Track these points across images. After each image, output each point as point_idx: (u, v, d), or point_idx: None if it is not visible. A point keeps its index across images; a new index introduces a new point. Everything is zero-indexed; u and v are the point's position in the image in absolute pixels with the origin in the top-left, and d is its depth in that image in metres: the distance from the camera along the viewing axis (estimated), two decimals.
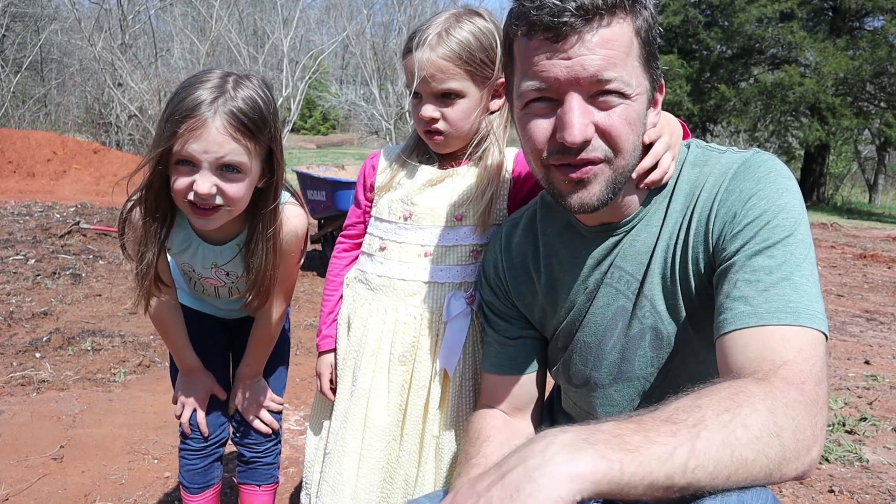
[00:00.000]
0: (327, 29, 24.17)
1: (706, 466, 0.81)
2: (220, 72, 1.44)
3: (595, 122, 1.04)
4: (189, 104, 1.36)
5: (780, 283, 1.00)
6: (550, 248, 1.31)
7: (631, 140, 1.07)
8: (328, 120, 44.21)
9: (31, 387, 3.26)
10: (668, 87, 20.36)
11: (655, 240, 1.18)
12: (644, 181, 1.17)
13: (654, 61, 1.10)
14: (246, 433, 1.85)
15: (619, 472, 0.78)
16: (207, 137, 1.36)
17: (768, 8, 18.76)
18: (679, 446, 0.81)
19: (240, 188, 1.43)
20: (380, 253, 1.58)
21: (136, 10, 17.41)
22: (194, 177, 1.38)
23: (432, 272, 1.53)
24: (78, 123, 21.23)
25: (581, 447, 0.79)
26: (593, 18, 1.00)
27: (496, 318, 1.39)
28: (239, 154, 1.39)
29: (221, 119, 1.36)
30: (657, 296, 1.17)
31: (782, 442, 0.86)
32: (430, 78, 1.45)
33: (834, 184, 24.20)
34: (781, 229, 1.04)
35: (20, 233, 7.19)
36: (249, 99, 1.40)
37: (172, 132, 1.36)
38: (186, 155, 1.37)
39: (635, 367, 1.23)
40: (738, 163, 1.13)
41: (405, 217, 1.54)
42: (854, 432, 3.11)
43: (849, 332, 5.05)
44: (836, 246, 9.91)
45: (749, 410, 0.86)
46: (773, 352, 0.95)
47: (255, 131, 1.40)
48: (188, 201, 1.42)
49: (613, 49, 1.01)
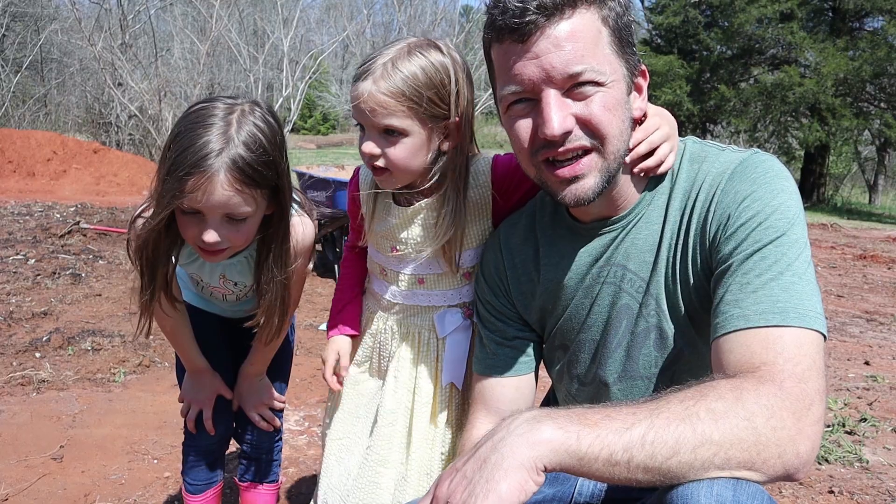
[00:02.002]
0: (327, 29, 24.19)
1: (665, 440, 0.84)
2: (224, 106, 1.37)
3: (574, 113, 1.06)
4: (193, 156, 1.31)
5: (769, 284, 1.00)
6: (549, 247, 1.31)
7: (615, 125, 1.08)
8: (328, 120, 44.20)
9: (30, 387, 3.25)
10: (667, 87, 20.44)
11: (659, 238, 1.18)
12: (639, 166, 1.17)
13: (629, 47, 1.10)
14: (248, 430, 1.86)
15: (577, 441, 0.83)
16: (212, 192, 1.32)
17: (768, 8, 18.77)
18: (637, 422, 0.85)
19: (246, 232, 1.43)
20: (381, 276, 1.60)
21: (136, 10, 17.40)
22: (201, 226, 1.38)
23: (428, 297, 1.55)
24: (78, 123, 21.23)
25: (541, 420, 0.86)
26: (554, 14, 1.03)
27: (493, 319, 1.39)
28: (243, 205, 1.37)
29: (226, 174, 1.31)
30: (661, 295, 1.18)
31: (754, 426, 0.86)
32: (370, 112, 1.34)
33: (834, 184, 24.19)
34: (773, 230, 1.04)
35: (20, 232, 7.19)
36: (253, 142, 1.34)
37: (178, 188, 1.32)
38: (192, 208, 1.36)
39: (639, 366, 1.23)
40: (736, 163, 1.13)
41: (392, 250, 1.54)
42: (854, 433, 3.11)
43: (848, 333, 5.05)
44: (836, 246, 9.91)
45: (715, 397, 0.89)
46: (753, 355, 0.96)
47: (259, 180, 1.36)
48: (196, 245, 1.43)
49: (579, 41, 1.04)
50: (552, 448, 0.84)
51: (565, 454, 0.84)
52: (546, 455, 0.83)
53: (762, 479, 0.88)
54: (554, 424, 0.85)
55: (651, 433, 0.84)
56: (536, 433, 0.84)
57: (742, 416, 0.86)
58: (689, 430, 0.84)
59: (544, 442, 0.84)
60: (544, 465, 0.83)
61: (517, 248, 1.36)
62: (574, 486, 1.32)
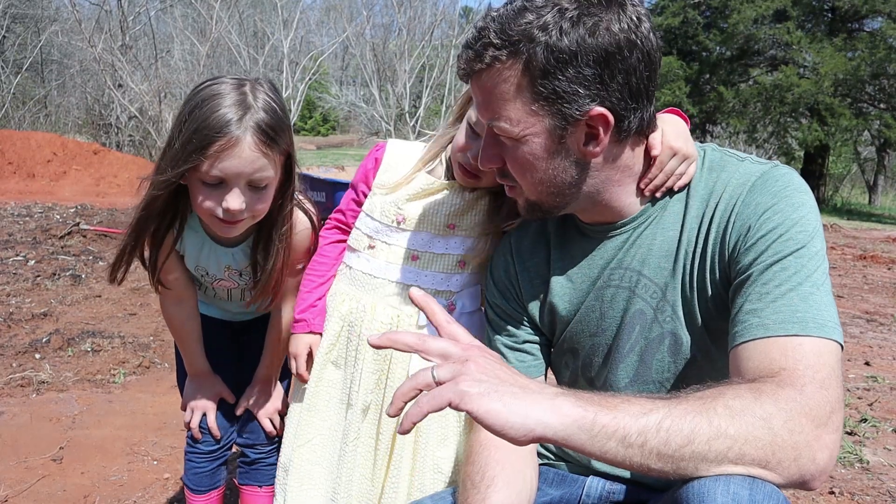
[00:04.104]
0: (327, 30, 24.19)
1: (681, 428, 0.85)
2: (232, 80, 1.41)
3: (500, 154, 1.16)
4: (216, 124, 1.33)
5: (788, 294, 1.01)
6: (560, 249, 1.31)
7: (526, 178, 1.15)
8: (328, 121, 44.22)
9: (30, 388, 3.25)
10: (667, 88, 20.45)
11: (676, 245, 1.18)
12: (648, 188, 1.19)
13: (564, 94, 1.05)
14: (252, 435, 1.85)
15: (592, 420, 0.85)
16: (241, 156, 1.34)
17: (762, 7, 18.78)
18: (656, 409, 0.87)
19: (266, 199, 1.44)
20: (368, 251, 1.58)
21: (136, 12, 17.41)
22: (223, 194, 1.38)
23: (417, 276, 1.54)
24: (78, 124, 21.24)
25: (567, 395, 0.89)
26: (475, 65, 1.09)
27: (502, 322, 1.38)
28: (268, 169, 1.39)
29: (252, 136, 1.35)
30: (678, 302, 1.18)
31: (771, 426, 0.87)
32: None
33: (833, 185, 24.20)
34: (794, 242, 1.05)
35: (20, 234, 7.19)
36: (270, 108, 1.39)
37: (200, 151, 1.33)
38: (218, 175, 1.36)
39: (652, 371, 1.23)
40: (757, 175, 1.13)
41: (398, 221, 1.54)
42: (854, 433, 3.11)
43: (849, 334, 5.05)
44: (836, 247, 9.91)
45: (733, 395, 0.90)
46: (773, 361, 0.96)
47: (278, 141, 1.40)
48: (214, 216, 1.42)
49: (491, 98, 1.10)
50: (564, 422, 0.85)
51: (577, 428, 0.85)
52: (560, 422, 0.85)
53: (777, 480, 0.88)
54: (576, 401, 0.87)
55: (668, 420, 0.86)
56: (557, 402, 0.86)
57: (759, 416, 0.87)
58: (705, 422, 0.86)
59: (562, 411, 0.85)
60: (555, 432, 0.85)
61: (528, 250, 1.36)
62: (582, 489, 1.31)
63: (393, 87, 15.37)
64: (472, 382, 0.85)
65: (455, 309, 1.53)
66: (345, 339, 1.60)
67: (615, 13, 1.04)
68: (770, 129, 21.50)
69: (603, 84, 1.05)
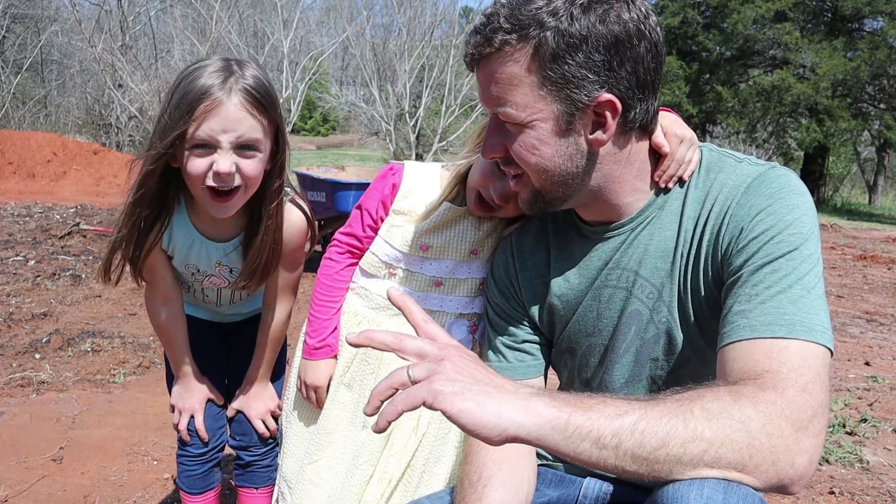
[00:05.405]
0: (327, 30, 24.18)
1: (656, 431, 0.84)
2: (218, 58, 1.45)
3: (504, 142, 1.14)
4: (200, 88, 1.36)
5: (778, 297, 1.00)
6: (560, 249, 1.31)
7: (533, 163, 1.13)
8: (328, 121, 44.21)
9: (30, 388, 3.25)
10: (666, 88, 20.45)
11: (674, 246, 1.18)
12: (663, 178, 1.19)
13: (573, 78, 1.05)
14: (245, 437, 1.84)
15: (567, 420, 0.84)
16: (227, 115, 1.36)
17: (762, 7, 18.77)
18: (631, 411, 0.86)
19: (257, 166, 1.43)
20: (388, 277, 1.56)
21: (136, 12, 17.41)
22: (212, 157, 1.38)
23: (441, 301, 1.54)
24: (78, 125, 21.23)
25: (542, 396, 0.88)
26: (482, 59, 1.10)
27: (502, 322, 1.38)
28: (256, 131, 1.40)
29: (237, 96, 1.37)
30: (674, 303, 1.18)
31: (748, 429, 0.86)
32: None
33: (833, 185, 24.20)
34: (786, 244, 1.04)
35: (20, 234, 7.19)
36: (256, 77, 1.41)
37: (184, 117, 1.35)
38: (204, 137, 1.37)
39: (647, 372, 1.23)
40: (753, 177, 1.13)
41: (422, 249, 1.53)
42: (854, 433, 3.11)
43: (849, 334, 5.05)
44: (836, 247, 9.92)
45: (711, 397, 0.89)
46: (756, 363, 0.96)
47: (267, 107, 1.41)
48: (206, 187, 1.41)
49: (498, 83, 1.09)
50: (538, 422, 0.84)
51: (551, 429, 0.84)
52: (534, 421, 0.84)
53: (755, 483, 0.87)
54: (551, 402, 0.86)
55: (643, 423, 0.85)
56: (532, 403, 0.86)
57: (737, 418, 0.86)
58: (680, 425, 0.85)
59: (537, 412, 0.85)
60: (528, 432, 0.84)
61: (529, 250, 1.36)
62: (579, 489, 1.31)
63: (393, 87, 15.36)
64: (447, 382, 0.85)
65: (477, 330, 1.53)
66: (360, 362, 1.59)
67: (624, 3, 1.06)
68: (769, 130, 21.50)
69: (612, 71, 1.06)
